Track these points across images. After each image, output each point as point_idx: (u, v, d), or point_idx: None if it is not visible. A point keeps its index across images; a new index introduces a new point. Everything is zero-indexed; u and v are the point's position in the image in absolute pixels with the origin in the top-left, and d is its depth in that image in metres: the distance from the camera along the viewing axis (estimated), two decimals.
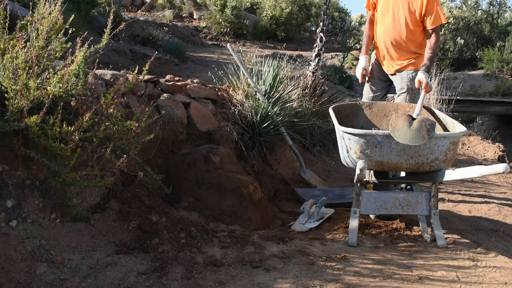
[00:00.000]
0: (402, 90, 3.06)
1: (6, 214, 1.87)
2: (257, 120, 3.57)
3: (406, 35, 2.97)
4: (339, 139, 2.49)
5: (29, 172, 2.01)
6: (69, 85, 1.98)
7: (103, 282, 1.81)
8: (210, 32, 12.27)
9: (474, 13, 12.50)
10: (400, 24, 2.96)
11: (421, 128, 2.21)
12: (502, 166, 2.03)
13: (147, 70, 2.21)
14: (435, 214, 2.39)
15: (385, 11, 3.03)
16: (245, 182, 2.78)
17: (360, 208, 2.40)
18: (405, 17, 2.94)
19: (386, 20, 3.02)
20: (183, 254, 2.08)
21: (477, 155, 4.79)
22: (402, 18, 2.95)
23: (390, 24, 3.00)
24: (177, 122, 3.06)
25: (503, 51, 10.68)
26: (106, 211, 2.24)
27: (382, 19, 3.06)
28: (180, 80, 3.66)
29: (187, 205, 2.62)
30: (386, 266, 2.09)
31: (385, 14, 3.03)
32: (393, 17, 2.99)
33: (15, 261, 1.76)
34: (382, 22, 3.06)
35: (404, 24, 2.95)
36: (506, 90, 9.41)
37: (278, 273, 1.97)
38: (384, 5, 3.02)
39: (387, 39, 3.03)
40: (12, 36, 2.01)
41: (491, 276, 2.04)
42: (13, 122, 1.85)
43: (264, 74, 3.90)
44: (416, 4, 2.90)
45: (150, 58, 2.42)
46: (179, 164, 2.80)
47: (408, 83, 3.02)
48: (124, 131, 2.12)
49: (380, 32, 3.09)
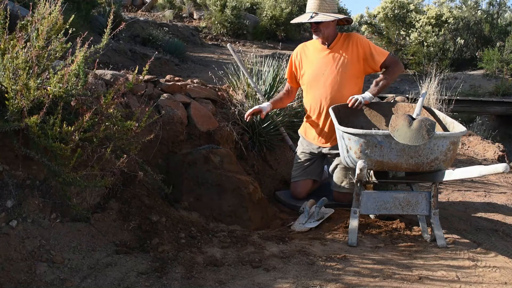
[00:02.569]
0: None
1: (6, 214, 1.88)
2: (257, 120, 3.57)
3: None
4: (339, 139, 2.50)
5: (29, 172, 2.01)
6: (69, 85, 1.98)
7: (103, 282, 1.81)
8: (210, 32, 12.28)
9: (474, 13, 12.50)
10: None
11: (421, 128, 2.21)
12: (502, 166, 2.03)
13: (147, 70, 2.21)
14: (435, 214, 2.39)
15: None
16: (245, 182, 2.78)
17: (360, 208, 2.41)
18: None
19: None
20: (183, 254, 2.08)
21: (477, 155, 4.79)
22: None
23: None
24: (177, 122, 3.06)
25: (503, 51, 10.68)
26: (106, 211, 2.24)
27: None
28: (180, 80, 3.66)
29: (187, 205, 2.62)
30: (386, 266, 2.09)
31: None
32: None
33: (15, 261, 1.76)
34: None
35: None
36: (506, 90, 9.41)
37: (278, 273, 1.97)
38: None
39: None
40: (12, 36, 2.01)
41: (491, 276, 2.04)
42: (13, 122, 1.85)
43: (264, 74, 3.91)
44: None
45: (150, 58, 2.43)
46: (179, 164, 2.80)
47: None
48: (124, 131, 2.12)
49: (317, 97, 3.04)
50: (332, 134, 3.07)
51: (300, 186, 3.19)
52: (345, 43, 2.98)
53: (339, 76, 2.96)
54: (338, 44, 3.00)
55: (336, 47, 3.00)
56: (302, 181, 3.18)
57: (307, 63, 3.09)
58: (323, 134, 3.11)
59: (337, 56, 2.98)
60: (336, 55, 2.98)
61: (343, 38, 3.00)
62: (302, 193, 3.17)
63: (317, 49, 3.06)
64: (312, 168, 3.20)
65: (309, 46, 3.14)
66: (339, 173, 3.04)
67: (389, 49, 11.94)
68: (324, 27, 2.92)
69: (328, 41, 3.00)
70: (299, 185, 3.19)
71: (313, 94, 3.07)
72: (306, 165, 3.21)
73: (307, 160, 3.21)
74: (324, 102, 3.01)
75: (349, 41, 2.97)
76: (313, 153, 3.20)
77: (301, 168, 3.21)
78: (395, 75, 3.00)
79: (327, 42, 3.00)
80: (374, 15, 12.39)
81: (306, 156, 3.22)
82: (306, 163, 3.21)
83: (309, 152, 3.21)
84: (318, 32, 2.94)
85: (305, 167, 3.21)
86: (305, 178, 3.19)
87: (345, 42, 2.98)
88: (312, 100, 3.08)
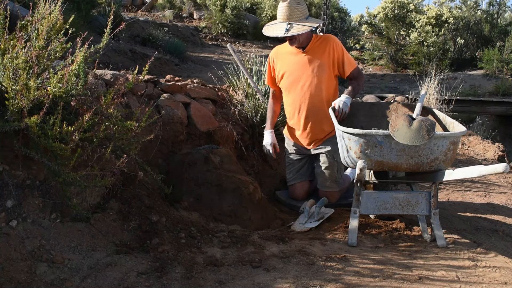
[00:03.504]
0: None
1: (6, 214, 1.87)
2: (257, 120, 3.57)
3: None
4: (339, 139, 2.50)
5: (29, 172, 2.01)
6: (69, 85, 1.98)
7: (103, 282, 1.81)
8: (210, 32, 12.28)
9: (474, 13, 12.50)
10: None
11: (421, 128, 2.21)
12: (502, 166, 2.03)
13: (147, 70, 2.21)
14: (435, 214, 2.39)
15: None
16: (245, 182, 2.78)
17: (360, 208, 2.41)
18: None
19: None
20: (183, 254, 2.08)
21: (477, 155, 4.79)
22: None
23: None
24: (177, 122, 3.06)
25: (503, 51, 10.68)
26: (106, 211, 2.24)
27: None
28: (180, 80, 3.66)
29: (187, 205, 2.62)
30: (386, 266, 2.09)
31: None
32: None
33: (15, 261, 1.76)
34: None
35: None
36: (506, 90, 9.41)
37: (278, 273, 1.97)
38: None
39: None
40: (12, 36, 2.01)
41: (491, 276, 2.04)
42: (13, 122, 1.85)
43: (264, 74, 3.90)
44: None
45: (150, 58, 2.43)
46: (179, 164, 2.80)
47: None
48: (124, 131, 2.12)
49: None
50: (314, 136, 3.08)
51: (297, 188, 3.19)
52: (322, 45, 2.96)
53: (316, 78, 2.95)
54: (314, 47, 2.97)
55: (312, 50, 2.97)
56: (298, 183, 3.19)
57: (283, 67, 3.06)
58: (305, 136, 3.11)
59: (313, 59, 2.96)
60: (312, 58, 2.96)
61: (319, 41, 2.98)
62: (300, 195, 3.18)
63: (292, 52, 3.03)
64: (304, 169, 3.21)
65: (283, 50, 3.10)
66: (326, 171, 3.05)
67: (389, 49, 11.95)
68: (300, 36, 2.89)
69: (303, 45, 2.98)
70: (296, 187, 3.19)
71: (292, 98, 3.07)
72: (298, 167, 3.21)
73: (298, 160, 3.21)
74: (304, 106, 3.01)
75: (325, 44, 2.95)
76: (301, 152, 3.20)
77: (294, 170, 3.21)
78: (361, 86, 3.10)
79: (302, 46, 2.98)
80: (374, 15, 12.40)
81: (296, 156, 3.22)
82: (298, 164, 3.21)
83: (297, 151, 3.21)
84: (294, 41, 2.92)
85: (297, 169, 3.21)
86: (300, 180, 3.19)
87: (321, 44, 2.96)
88: (292, 103, 3.08)
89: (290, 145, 3.24)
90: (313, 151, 3.14)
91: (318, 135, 3.08)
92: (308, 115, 3.02)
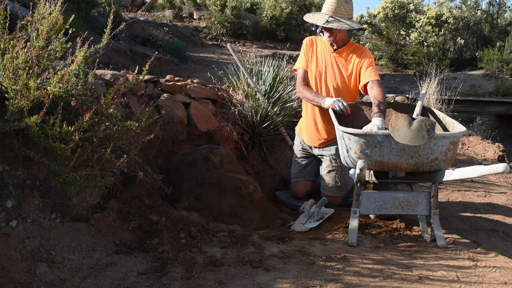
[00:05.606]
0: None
1: (6, 214, 1.88)
2: (257, 120, 3.57)
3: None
4: (339, 139, 2.50)
5: (29, 172, 2.01)
6: (69, 85, 1.98)
7: (103, 282, 1.81)
8: (210, 32, 12.28)
9: (473, 13, 12.49)
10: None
11: (421, 128, 2.21)
12: (502, 166, 2.03)
13: (147, 70, 2.21)
14: (435, 214, 2.39)
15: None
16: (245, 182, 2.78)
17: (360, 208, 2.41)
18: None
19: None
20: (183, 254, 2.08)
21: (477, 155, 4.79)
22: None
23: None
24: (177, 122, 3.06)
25: (503, 51, 10.67)
26: (106, 211, 2.24)
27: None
28: (180, 80, 3.66)
29: (187, 205, 2.62)
30: (386, 266, 2.09)
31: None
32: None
33: (15, 261, 1.76)
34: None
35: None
36: (506, 90, 9.40)
37: (278, 273, 1.97)
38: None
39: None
40: (12, 36, 2.01)
41: (491, 276, 2.04)
42: (13, 122, 1.85)
43: (264, 74, 3.91)
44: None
45: (150, 58, 2.42)
46: (179, 164, 2.80)
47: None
48: (124, 131, 2.12)
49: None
50: (323, 135, 3.08)
51: (299, 186, 3.20)
52: (353, 52, 2.95)
53: (339, 81, 2.96)
54: (346, 51, 2.97)
55: (343, 53, 2.97)
56: (300, 182, 3.20)
57: (313, 57, 3.06)
58: (314, 133, 3.11)
59: (341, 61, 2.97)
60: (340, 60, 2.97)
61: (353, 47, 2.98)
62: (301, 193, 3.18)
63: (325, 47, 3.03)
64: (309, 169, 3.21)
65: (318, 42, 3.10)
66: (329, 176, 3.05)
67: (389, 49, 11.94)
68: (338, 32, 2.90)
69: (338, 45, 2.98)
70: (298, 185, 3.21)
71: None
72: (304, 165, 3.21)
73: (304, 158, 3.22)
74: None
75: (357, 52, 2.95)
76: (307, 151, 3.21)
77: (299, 168, 3.22)
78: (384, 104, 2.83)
79: (337, 45, 2.99)
80: (374, 15, 12.39)
81: (302, 154, 3.23)
82: (304, 162, 3.22)
83: (304, 149, 3.22)
84: (331, 35, 2.91)
85: (302, 167, 3.21)
86: (303, 179, 3.20)
87: (353, 51, 2.96)
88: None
89: (298, 141, 3.26)
90: (318, 152, 3.14)
91: (327, 135, 3.08)
92: (322, 111, 3.02)
